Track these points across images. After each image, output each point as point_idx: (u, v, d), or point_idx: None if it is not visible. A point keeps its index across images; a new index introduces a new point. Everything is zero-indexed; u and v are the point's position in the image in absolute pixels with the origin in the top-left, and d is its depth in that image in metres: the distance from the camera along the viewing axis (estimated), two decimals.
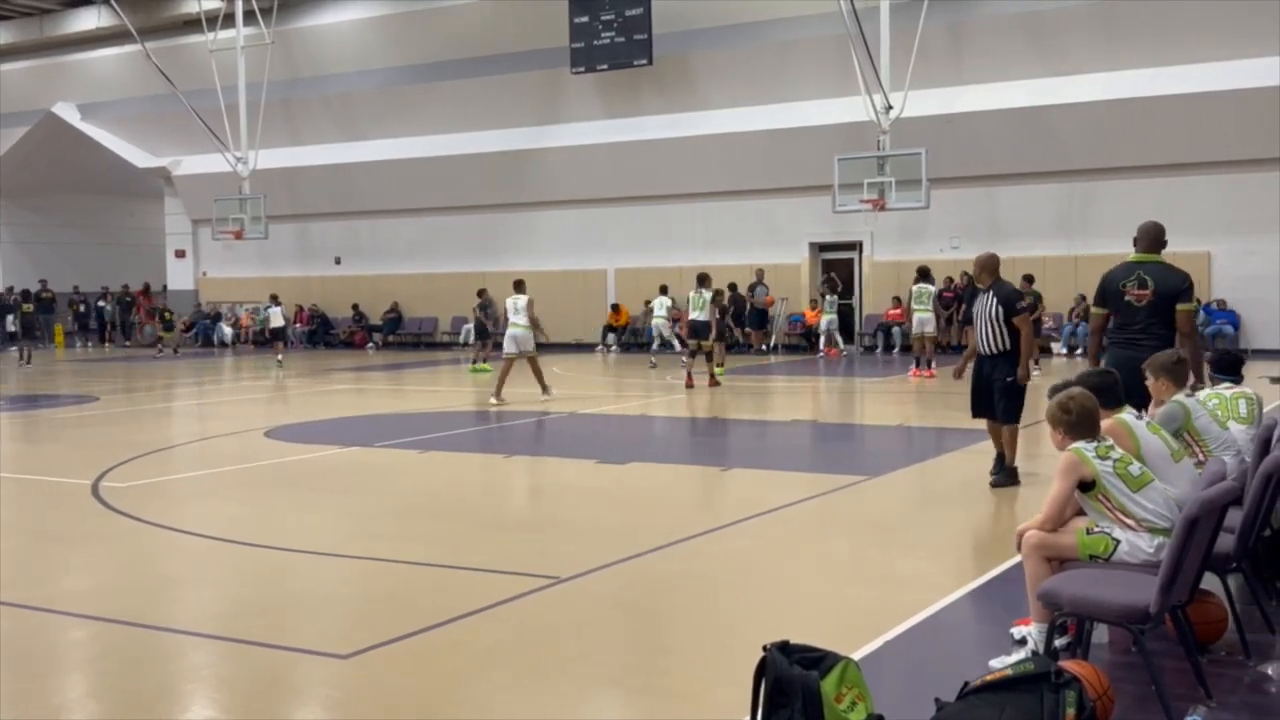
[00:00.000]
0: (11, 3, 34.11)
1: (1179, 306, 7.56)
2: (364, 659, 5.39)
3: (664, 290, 24.65)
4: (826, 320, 26.24)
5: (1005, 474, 9.37)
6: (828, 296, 26.37)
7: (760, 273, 27.74)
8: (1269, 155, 22.48)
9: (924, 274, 20.59)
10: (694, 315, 19.20)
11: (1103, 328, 7.84)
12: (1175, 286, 7.59)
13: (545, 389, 17.01)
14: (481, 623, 5.96)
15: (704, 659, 5.42)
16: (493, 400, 16.56)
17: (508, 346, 17.20)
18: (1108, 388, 5.79)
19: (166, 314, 34.01)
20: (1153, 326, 7.53)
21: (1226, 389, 6.92)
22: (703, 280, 19.37)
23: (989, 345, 9.36)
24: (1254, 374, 18.82)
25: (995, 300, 9.33)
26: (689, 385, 18.67)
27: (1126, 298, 7.59)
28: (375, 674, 5.24)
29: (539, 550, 7.61)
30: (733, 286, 26.40)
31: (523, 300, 17.24)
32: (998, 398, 9.33)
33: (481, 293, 23.37)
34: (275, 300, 27.70)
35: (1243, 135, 22.52)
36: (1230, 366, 7.36)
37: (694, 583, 6.81)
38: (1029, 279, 20.14)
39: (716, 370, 19.53)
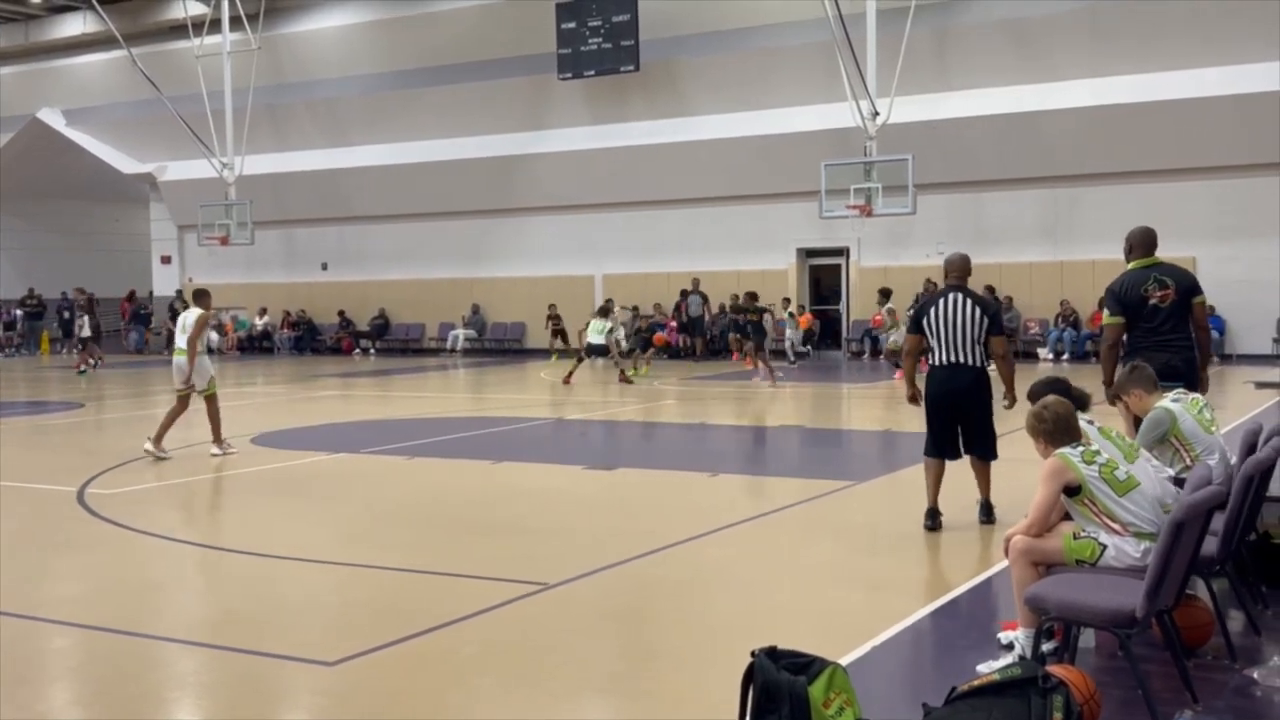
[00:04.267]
0: None
1: (1195, 300, 7.66)
2: (351, 666, 5.38)
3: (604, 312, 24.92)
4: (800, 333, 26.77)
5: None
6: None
7: (695, 281, 28.09)
8: (1255, 161, 22.63)
9: (886, 295, 23.03)
10: (592, 339, 21.24)
11: (1120, 339, 7.78)
12: (1191, 282, 7.72)
13: (218, 439, 12.75)
14: (469, 629, 5.95)
15: (692, 664, 5.41)
16: (148, 447, 12.49)
17: (179, 379, 12.85)
18: (1062, 394, 5.80)
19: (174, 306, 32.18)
20: (1178, 325, 7.60)
21: (1183, 393, 6.91)
22: (605, 311, 21.57)
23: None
24: (1239, 379, 19.01)
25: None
26: (567, 382, 20.55)
27: (1151, 301, 7.59)
28: (362, 681, 5.23)
29: (527, 556, 7.60)
30: (723, 308, 26.46)
31: (191, 316, 12.64)
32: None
33: (609, 302, 24.50)
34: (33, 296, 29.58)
35: (1228, 141, 22.66)
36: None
37: (682, 588, 6.81)
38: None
39: (631, 371, 21.91)
